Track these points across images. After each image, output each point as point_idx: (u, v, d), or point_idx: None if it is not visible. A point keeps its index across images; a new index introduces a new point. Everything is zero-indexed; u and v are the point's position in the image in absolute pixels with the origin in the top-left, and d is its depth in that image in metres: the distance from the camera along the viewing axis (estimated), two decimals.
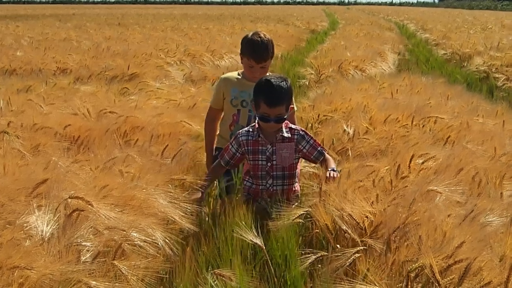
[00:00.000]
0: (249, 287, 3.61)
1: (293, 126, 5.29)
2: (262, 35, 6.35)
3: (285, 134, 5.14)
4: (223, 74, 6.81)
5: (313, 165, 5.49)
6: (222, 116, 6.48)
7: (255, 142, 5.16)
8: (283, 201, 4.65)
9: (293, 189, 5.27)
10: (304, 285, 3.79)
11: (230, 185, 5.51)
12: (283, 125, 5.18)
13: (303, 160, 5.47)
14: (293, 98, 5.86)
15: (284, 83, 5.16)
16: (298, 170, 5.31)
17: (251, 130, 5.26)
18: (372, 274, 3.50)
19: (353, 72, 14.37)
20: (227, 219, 4.62)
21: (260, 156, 5.14)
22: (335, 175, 4.84)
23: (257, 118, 5.24)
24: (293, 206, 4.71)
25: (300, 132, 5.22)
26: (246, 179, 5.30)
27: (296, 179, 5.29)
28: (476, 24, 35.54)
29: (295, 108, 6.28)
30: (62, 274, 3.25)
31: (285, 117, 5.13)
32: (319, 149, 5.17)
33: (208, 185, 5.35)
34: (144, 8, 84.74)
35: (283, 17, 45.89)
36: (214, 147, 6.42)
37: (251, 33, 6.46)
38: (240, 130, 5.41)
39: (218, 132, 6.54)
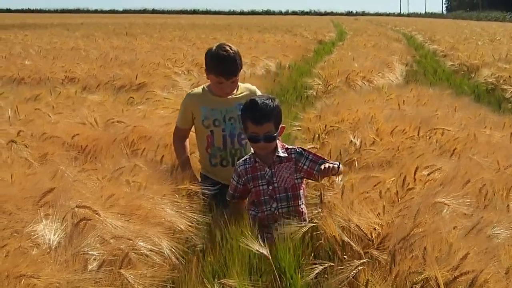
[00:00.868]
0: None
1: (289, 146, 5.22)
2: (227, 48, 5.98)
3: (281, 154, 5.05)
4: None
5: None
6: (197, 137, 6.17)
7: (253, 168, 5.07)
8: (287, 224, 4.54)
9: (300, 210, 5.10)
10: None
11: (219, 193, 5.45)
12: (279, 146, 5.10)
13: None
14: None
15: (270, 101, 5.10)
16: (302, 191, 5.18)
17: (247, 158, 5.19)
18: (376, 286, 3.51)
19: (361, 83, 14.36)
20: (233, 230, 4.66)
21: (260, 181, 5.04)
22: (330, 166, 4.86)
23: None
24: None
25: (297, 149, 5.15)
26: (252, 209, 5.16)
27: (302, 200, 5.15)
28: (484, 35, 35.55)
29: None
30: (69, 283, 3.27)
31: (274, 135, 5.02)
32: (320, 162, 5.05)
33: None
34: (152, 18, 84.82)
35: (290, 27, 45.94)
36: (200, 173, 6.16)
37: (215, 46, 6.09)
38: (238, 161, 5.31)
39: (189, 150, 6.27)
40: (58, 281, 3.22)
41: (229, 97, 5.91)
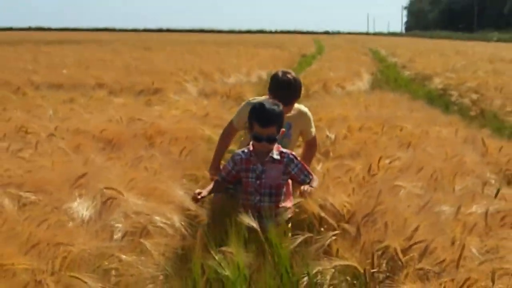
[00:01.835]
0: (245, 261, 3.62)
1: (284, 150, 4.96)
2: (291, 77, 5.38)
3: (275, 156, 4.84)
4: (251, 99, 5.81)
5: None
6: (243, 137, 5.71)
7: (248, 161, 4.88)
8: (270, 216, 4.46)
9: (279, 206, 4.83)
10: (291, 261, 3.80)
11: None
12: (275, 149, 4.90)
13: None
14: (312, 124, 5.56)
15: (276, 107, 4.88)
16: (284, 189, 4.95)
17: (245, 150, 4.98)
18: (345, 252, 3.52)
19: (335, 89, 14.36)
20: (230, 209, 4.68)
21: (251, 174, 4.86)
22: (309, 190, 4.72)
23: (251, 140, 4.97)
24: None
25: (290, 156, 4.91)
26: (243, 197, 4.94)
27: (283, 197, 4.91)
28: (436, 51, 35.52)
29: (314, 133, 5.70)
30: (98, 249, 3.27)
31: (276, 137, 4.83)
32: (305, 172, 4.86)
33: (206, 194, 4.90)
34: (166, 35, 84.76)
35: (280, 43, 45.80)
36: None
37: (280, 73, 5.48)
38: (236, 151, 5.11)
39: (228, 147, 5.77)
40: (89, 248, 3.23)
41: None
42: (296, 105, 5.55)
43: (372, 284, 3.42)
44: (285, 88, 5.32)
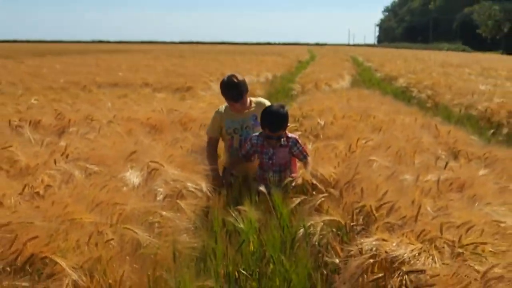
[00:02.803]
0: (256, 217, 3.63)
1: (289, 135, 4.90)
2: (234, 78, 5.11)
3: (283, 143, 4.81)
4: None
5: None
6: (223, 142, 5.34)
7: (262, 146, 4.85)
8: (280, 186, 4.44)
9: (286, 177, 4.71)
10: (290, 217, 3.80)
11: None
12: (284, 136, 4.82)
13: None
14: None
15: (282, 110, 4.78)
16: (291, 165, 4.91)
17: (259, 136, 4.89)
18: (332, 210, 3.53)
19: (324, 87, 14.33)
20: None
21: (264, 156, 4.84)
22: (296, 179, 4.56)
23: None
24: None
25: (294, 140, 4.86)
26: (258, 171, 4.92)
27: (289, 171, 4.87)
28: (400, 58, 35.35)
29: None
30: (145, 208, 3.29)
31: (282, 136, 4.78)
32: (304, 154, 4.81)
33: (228, 178, 4.99)
34: (196, 46, 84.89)
35: (281, 52, 45.65)
36: (224, 166, 5.26)
37: (226, 77, 5.19)
38: (252, 135, 4.95)
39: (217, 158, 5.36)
40: (138, 207, 3.25)
41: (245, 111, 5.21)
42: (256, 99, 5.37)
43: (351, 234, 3.42)
44: (233, 88, 5.08)
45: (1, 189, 3.21)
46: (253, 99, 5.36)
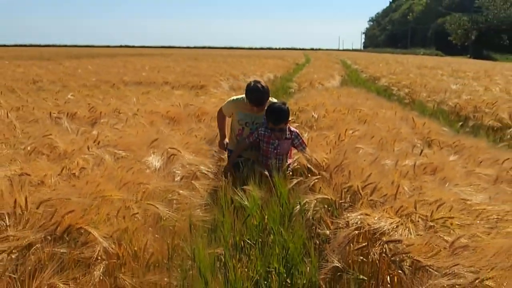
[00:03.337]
0: (259, 195, 3.64)
1: (292, 129, 4.90)
2: (260, 86, 4.83)
3: (287, 136, 4.81)
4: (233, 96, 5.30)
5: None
6: (231, 123, 5.17)
7: (268, 137, 4.81)
8: (280, 171, 4.35)
9: (286, 163, 4.76)
10: (289, 195, 3.80)
11: (237, 162, 4.87)
12: (287, 129, 4.82)
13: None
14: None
15: (284, 107, 4.76)
16: (290, 153, 4.92)
17: (266, 129, 4.83)
18: (323, 189, 3.53)
19: (318, 86, 14.28)
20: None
21: (270, 146, 4.81)
22: (289, 165, 4.65)
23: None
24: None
25: (295, 133, 4.87)
26: (263, 158, 4.86)
27: (288, 159, 4.86)
28: (383, 61, 35.13)
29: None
30: (165, 187, 3.29)
31: (284, 128, 4.76)
32: (303, 145, 4.80)
33: (234, 159, 4.88)
34: (208, 50, 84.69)
35: (281, 56, 45.39)
36: (228, 148, 5.09)
37: (252, 83, 4.92)
38: (260, 128, 4.86)
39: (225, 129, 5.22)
40: (159, 186, 3.25)
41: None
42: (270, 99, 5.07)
43: (340, 210, 3.43)
44: (258, 94, 4.83)
45: (43, 171, 3.22)
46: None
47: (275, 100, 5.04)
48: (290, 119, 5.01)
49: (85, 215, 2.63)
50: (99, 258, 2.51)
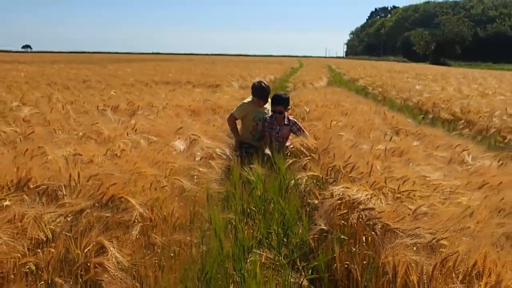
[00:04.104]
0: (261, 172, 3.63)
1: (290, 118, 4.93)
2: (264, 85, 4.96)
3: (286, 122, 4.87)
4: (243, 99, 5.32)
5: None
6: (242, 124, 5.11)
7: (272, 124, 4.88)
8: (279, 153, 4.43)
9: (285, 145, 4.87)
10: (286, 172, 3.80)
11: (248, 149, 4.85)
12: (286, 118, 4.83)
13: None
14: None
15: (284, 95, 4.89)
16: (289, 138, 4.94)
17: (271, 117, 4.91)
18: (313, 168, 3.52)
19: (309, 85, 14.20)
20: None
21: (273, 130, 4.86)
22: (289, 146, 4.65)
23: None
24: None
25: (293, 121, 4.91)
26: (267, 142, 4.88)
27: (288, 142, 4.91)
28: (361, 66, 34.86)
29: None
30: (187, 165, 3.28)
31: (282, 112, 4.78)
32: (300, 131, 4.83)
33: (242, 144, 4.88)
34: (222, 57, 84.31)
35: (280, 62, 45.06)
36: (240, 140, 5.05)
37: (257, 82, 5.07)
38: (267, 117, 4.91)
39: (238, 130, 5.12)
40: (183, 165, 3.24)
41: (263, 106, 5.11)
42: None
43: (326, 184, 3.42)
44: (265, 92, 5.01)
45: (91, 152, 3.21)
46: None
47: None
48: (288, 107, 5.02)
49: (125, 187, 2.63)
50: (136, 221, 2.51)
